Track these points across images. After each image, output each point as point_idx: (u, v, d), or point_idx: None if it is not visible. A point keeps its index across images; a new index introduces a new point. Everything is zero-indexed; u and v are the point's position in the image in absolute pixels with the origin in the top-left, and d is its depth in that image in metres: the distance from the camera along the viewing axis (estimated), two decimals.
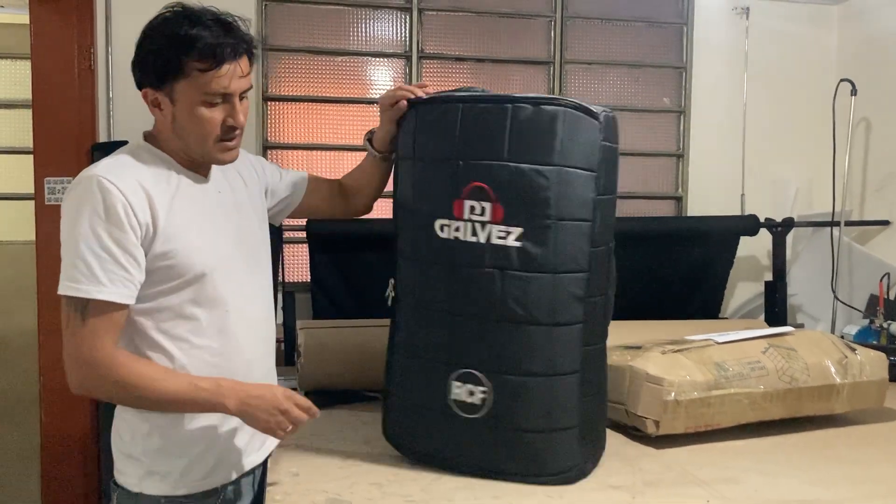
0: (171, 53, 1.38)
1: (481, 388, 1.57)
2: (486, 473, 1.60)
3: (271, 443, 1.64)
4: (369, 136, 1.80)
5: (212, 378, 1.42)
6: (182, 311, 1.43)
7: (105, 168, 1.37)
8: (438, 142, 1.61)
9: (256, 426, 1.43)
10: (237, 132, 1.46)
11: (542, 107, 1.53)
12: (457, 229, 1.57)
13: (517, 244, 1.53)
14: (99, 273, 1.33)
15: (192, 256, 1.42)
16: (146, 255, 1.38)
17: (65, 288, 1.33)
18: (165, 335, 1.42)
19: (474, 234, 1.56)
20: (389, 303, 1.72)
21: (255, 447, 1.58)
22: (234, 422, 1.49)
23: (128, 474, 1.47)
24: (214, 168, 1.53)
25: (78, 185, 1.36)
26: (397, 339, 1.72)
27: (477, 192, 1.55)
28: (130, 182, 1.36)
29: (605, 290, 1.63)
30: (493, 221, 1.54)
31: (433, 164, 1.62)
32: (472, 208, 1.56)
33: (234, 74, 1.40)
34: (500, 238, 1.54)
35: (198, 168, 1.50)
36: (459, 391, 1.59)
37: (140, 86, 1.44)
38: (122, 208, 1.33)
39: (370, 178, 1.84)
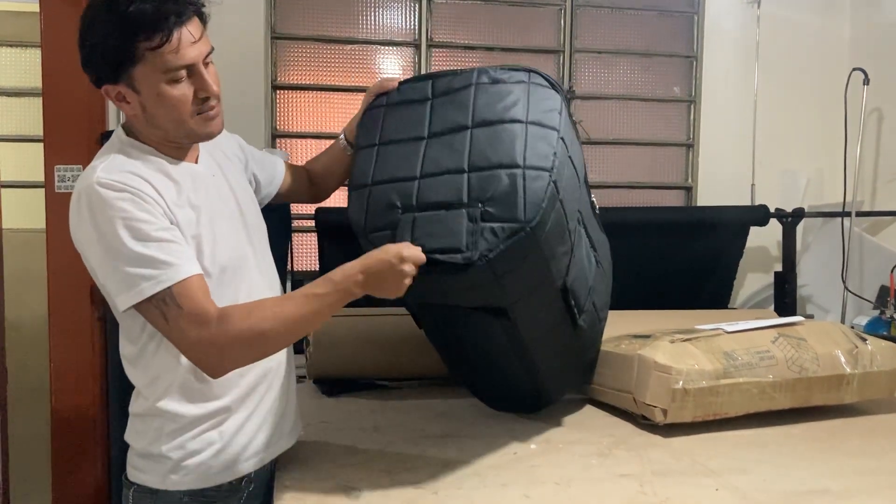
0: (117, 40, 1.27)
1: None
2: None
3: (296, 431, 1.61)
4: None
5: (322, 279, 1.37)
6: None
7: (104, 170, 1.29)
8: None
9: (390, 294, 1.39)
10: (213, 101, 1.36)
11: None
12: None
13: None
14: (164, 257, 1.26)
15: (214, 250, 1.38)
16: None
17: (144, 291, 1.25)
18: None
19: None
20: None
21: (280, 434, 1.54)
22: (262, 412, 1.47)
23: (150, 472, 1.40)
24: (202, 151, 1.47)
25: (84, 198, 1.28)
26: None
27: None
28: (133, 179, 1.29)
29: None
30: None
31: None
32: None
33: (188, 42, 1.29)
34: None
35: (185, 154, 1.42)
36: None
37: (98, 83, 1.33)
38: (140, 197, 1.27)
39: (340, 168, 1.81)
